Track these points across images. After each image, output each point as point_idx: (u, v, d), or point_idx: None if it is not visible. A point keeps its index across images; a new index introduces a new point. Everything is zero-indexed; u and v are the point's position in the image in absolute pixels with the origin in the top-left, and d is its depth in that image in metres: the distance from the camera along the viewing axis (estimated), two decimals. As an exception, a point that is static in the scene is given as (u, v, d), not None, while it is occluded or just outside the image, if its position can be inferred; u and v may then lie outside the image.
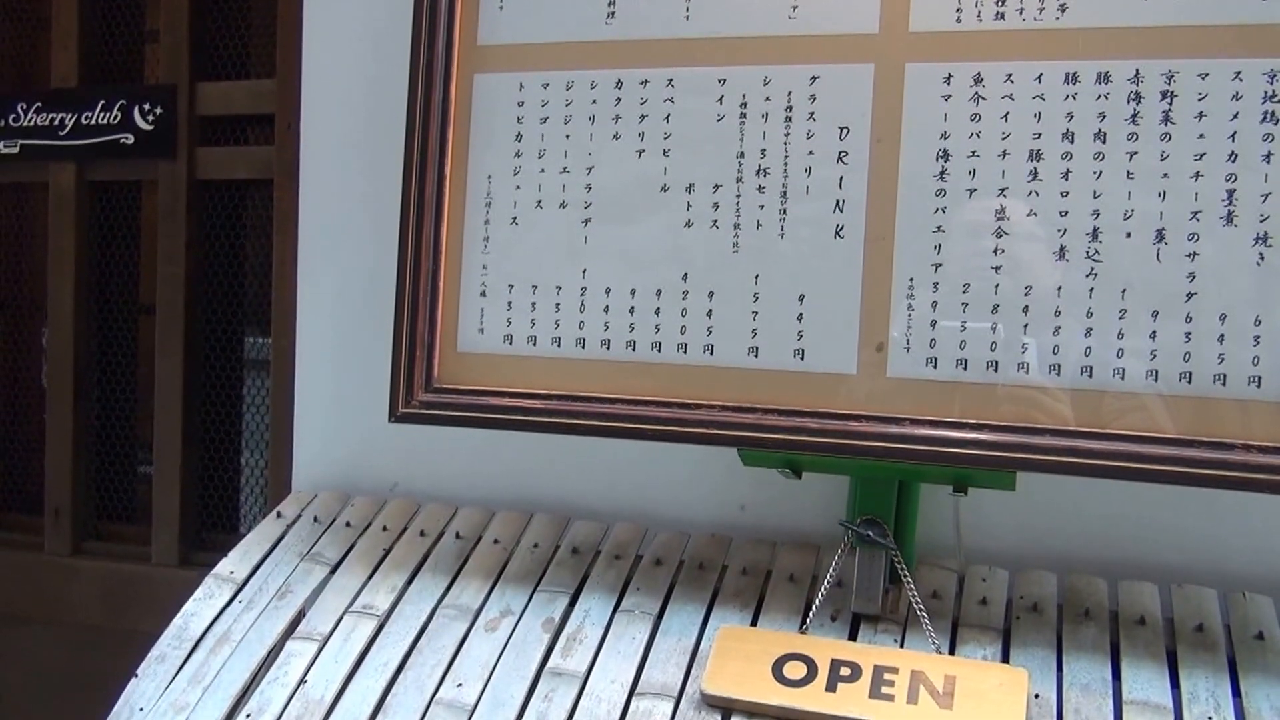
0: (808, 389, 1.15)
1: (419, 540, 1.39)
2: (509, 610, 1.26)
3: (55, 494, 2.12)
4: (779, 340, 1.17)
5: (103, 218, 2.17)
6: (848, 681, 1.09)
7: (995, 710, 1.04)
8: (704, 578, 1.28)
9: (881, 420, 1.12)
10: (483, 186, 1.28)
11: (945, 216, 1.12)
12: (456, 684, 1.18)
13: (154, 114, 2.03)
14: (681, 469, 1.41)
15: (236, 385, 2.11)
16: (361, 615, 1.28)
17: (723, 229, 1.19)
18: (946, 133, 1.12)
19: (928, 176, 1.13)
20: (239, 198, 2.10)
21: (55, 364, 2.11)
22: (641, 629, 1.21)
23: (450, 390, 1.26)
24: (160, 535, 2.03)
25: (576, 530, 1.38)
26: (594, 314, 1.23)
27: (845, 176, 1.15)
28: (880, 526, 1.19)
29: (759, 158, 1.18)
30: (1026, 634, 1.15)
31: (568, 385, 1.23)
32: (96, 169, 2.10)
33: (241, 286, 2.11)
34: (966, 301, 1.11)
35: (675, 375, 1.20)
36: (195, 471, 2.06)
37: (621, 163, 1.23)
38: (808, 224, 1.16)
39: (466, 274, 1.28)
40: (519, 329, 1.26)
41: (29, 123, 2.11)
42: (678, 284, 1.21)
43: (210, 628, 1.30)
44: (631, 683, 1.15)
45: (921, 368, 1.12)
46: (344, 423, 1.57)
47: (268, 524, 1.46)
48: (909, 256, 1.13)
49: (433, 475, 1.51)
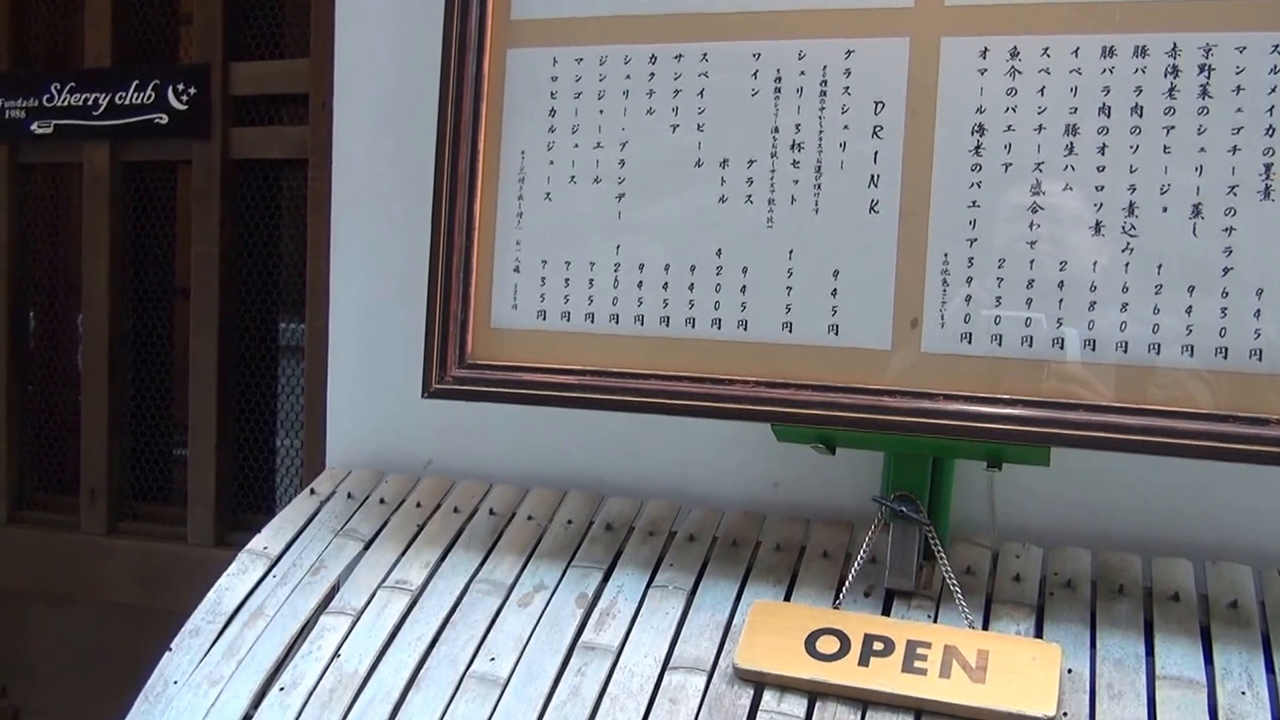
0: (841, 364, 1.16)
1: (453, 517, 1.40)
2: (542, 585, 1.27)
3: (91, 474, 2.14)
4: (813, 315, 1.17)
5: (137, 199, 2.18)
6: (880, 656, 1.09)
7: (1028, 685, 1.04)
8: (737, 554, 1.28)
9: (915, 396, 1.13)
10: (516, 162, 1.28)
11: (981, 191, 1.12)
12: (490, 658, 1.19)
13: (188, 94, 2.05)
14: (715, 445, 1.42)
15: (271, 366, 2.13)
16: (395, 590, 1.30)
17: (757, 204, 1.19)
18: (982, 107, 1.12)
19: (963, 151, 1.12)
20: (273, 178, 2.11)
21: (90, 345, 2.13)
22: (675, 604, 1.22)
23: (483, 366, 1.27)
24: (195, 515, 2.05)
25: (610, 507, 1.39)
26: (627, 289, 1.24)
27: (880, 151, 1.15)
28: (914, 502, 1.20)
29: (793, 132, 1.18)
30: (1060, 610, 1.16)
31: (601, 361, 1.23)
32: (131, 149, 2.12)
33: (276, 267, 2.12)
34: (1002, 277, 1.11)
35: (709, 351, 1.20)
36: (230, 452, 2.08)
37: (655, 138, 1.23)
38: (842, 199, 1.16)
39: (500, 250, 1.28)
40: (552, 305, 1.27)
41: (63, 103, 2.12)
42: (711, 259, 1.21)
43: (244, 602, 1.31)
44: (664, 657, 1.16)
45: (956, 343, 1.12)
46: (378, 400, 1.58)
47: (302, 500, 1.47)
48: (944, 231, 1.13)
49: (467, 452, 1.52)
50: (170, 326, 2.21)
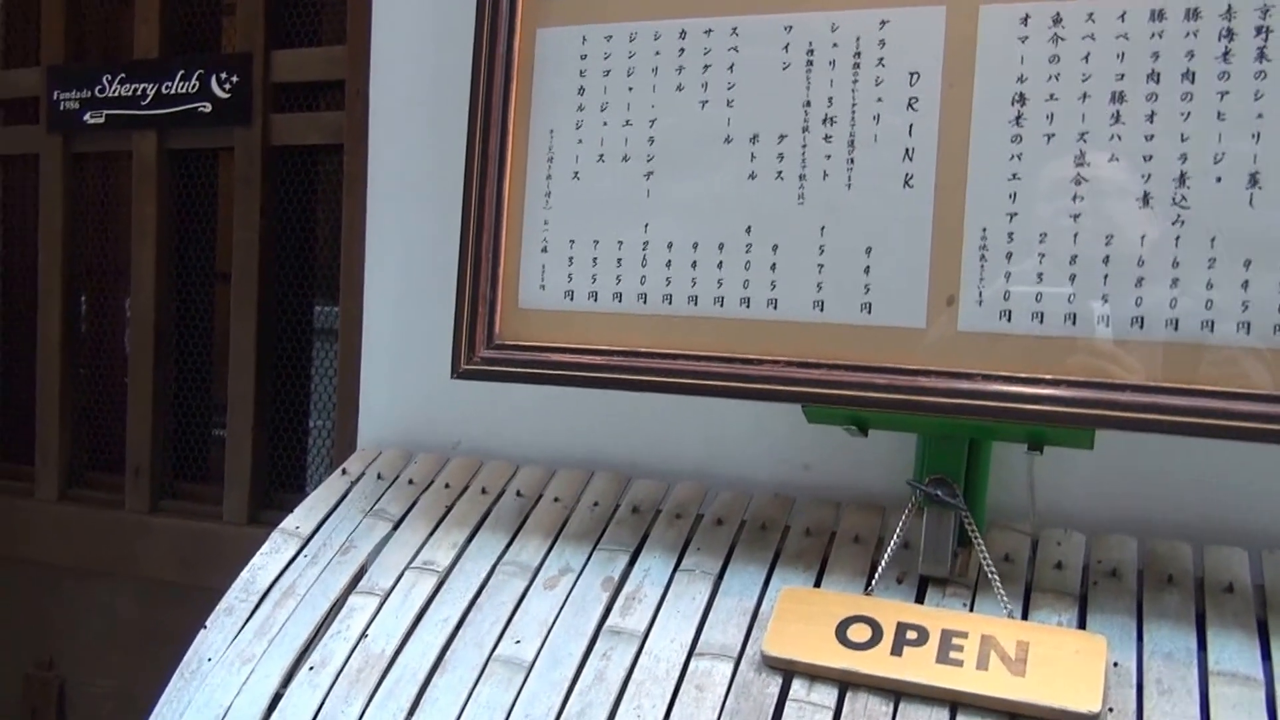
0: (875, 343, 1.10)
1: (480, 498, 1.37)
2: (568, 568, 1.23)
3: (135, 454, 2.13)
4: (845, 293, 1.12)
5: (182, 185, 2.17)
6: (914, 645, 1.03)
7: (1071, 678, 0.98)
8: (766, 538, 1.24)
9: (952, 376, 1.07)
10: (545, 142, 1.25)
11: (1021, 164, 1.05)
12: (515, 640, 1.15)
13: (230, 82, 2.02)
14: (744, 427, 1.37)
15: (306, 349, 2.11)
16: (422, 571, 1.26)
17: (788, 180, 1.14)
18: (1023, 76, 1.05)
19: (1003, 122, 1.06)
20: (311, 163, 2.08)
21: (137, 328, 2.12)
22: (702, 589, 1.17)
23: (511, 347, 1.24)
24: (231, 495, 2.04)
25: (637, 489, 1.35)
26: (656, 268, 1.19)
27: (915, 124, 1.09)
28: (950, 486, 1.14)
29: (825, 106, 1.13)
30: (1104, 600, 1.09)
31: (629, 341, 1.19)
32: (176, 137, 2.10)
33: (312, 251, 2.10)
34: (1043, 252, 1.05)
35: (738, 330, 1.15)
36: (265, 433, 2.06)
37: (684, 114, 1.19)
38: (876, 174, 1.11)
39: (528, 230, 1.25)
40: (580, 284, 1.23)
41: (114, 93, 2.11)
42: (741, 237, 1.16)
43: (276, 581, 1.29)
44: (691, 643, 1.11)
45: (995, 321, 1.06)
46: (409, 381, 1.55)
47: (333, 480, 1.45)
48: (982, 206, 1.07)
49: (495, 433, 1.49)
50: (212, 310, 2.20)
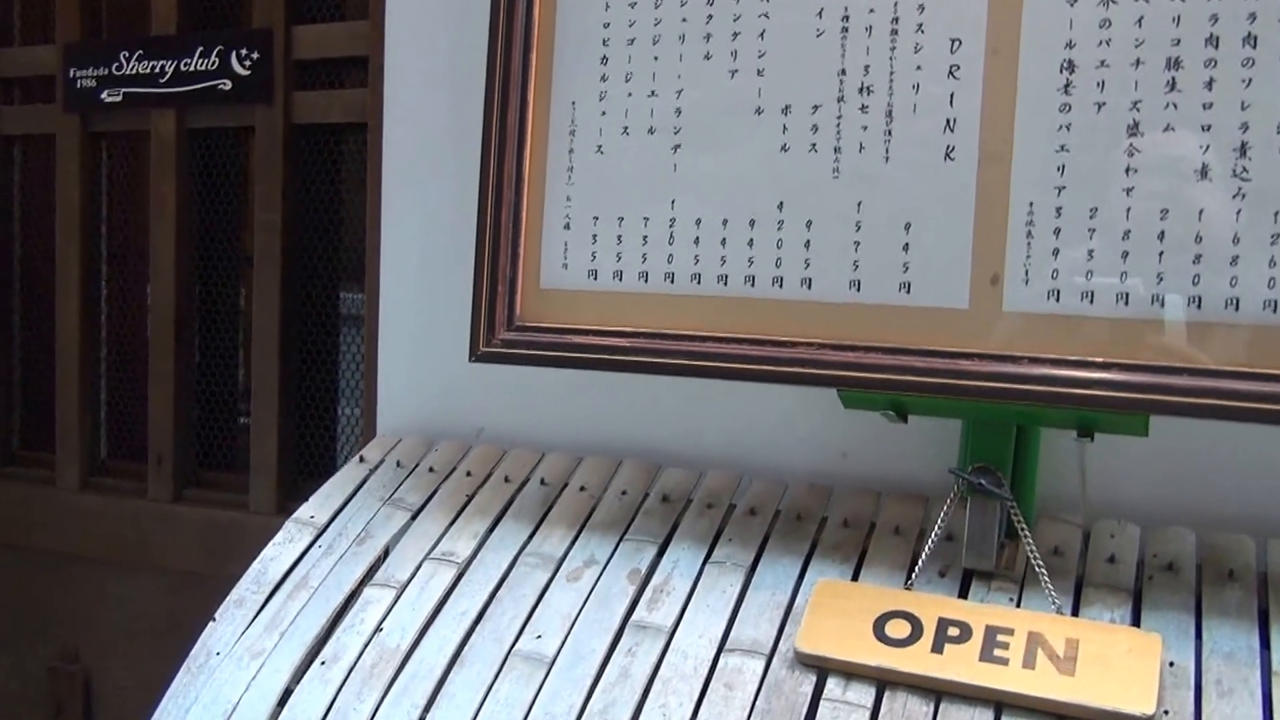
0: (915, 325, 1.05)
1: (503, 486, 1.33)
2: (593, 560, 1.19)
3: (158, 441, 2.09)
4: (883, 272, 1.07)
5: (202, 166, 2.12)
6: (956, 643, 0.98)
7: (1124, 678, 0.92)
8: (801, 529, 1.19)
9: (997, 359, 1.02)
10: (567, 114, 1.20)
11: (1069, 134, 1.00)
12: (536, 635, 1.11)
13: (251, 59, 1.97)
14: (778, 413, 1.32)
15: (333, 333, 2.06)
16: (441, 562, 1.22)
17: (822, 153, 1.09)
18: (1072, 41, 1.00)
19: (1050, 90, 1.01)
20: (334, 142, 2.03)
21: (157, 313, 2.08)
22: (732, 582, 1.13)
23: (533, 328, 1.20)
24: (257, 483, 2.00)
25: (667, 478, 1.30)
26: (683, 246, 1.15)
27: (956, 93, 1.04)
28: (995, 475, 1.08)
29: (861, 75, 1.07)
30: (1160, 596, 1.03)
31: (656, 322, 1.15)
32: (196, 116, 2.05)
33: (337, 233, 2.05)
34: (1093, 228, 0.99)
35: (770, 311, 1.11)
36: (291, 421, 2.02)
37: (713, 84, 1.14)
38: (915, 145, 1.05)
39: (550, 206, 1.20)
40: (604, 263, 1.18)
41: (131, 71, 2.06)
42: (773, 213, 1.11)
43: (289, 572, 1.25)
44: (720, 638, 1.07)
45: (1042, 301, 1.01)
46: (429, 366, 1.51)
47: (350, 468, 1.41)
48: (1028, 179, 1.01)
49: (519, 420, 1.44)
50: (235, 294, 2.16)
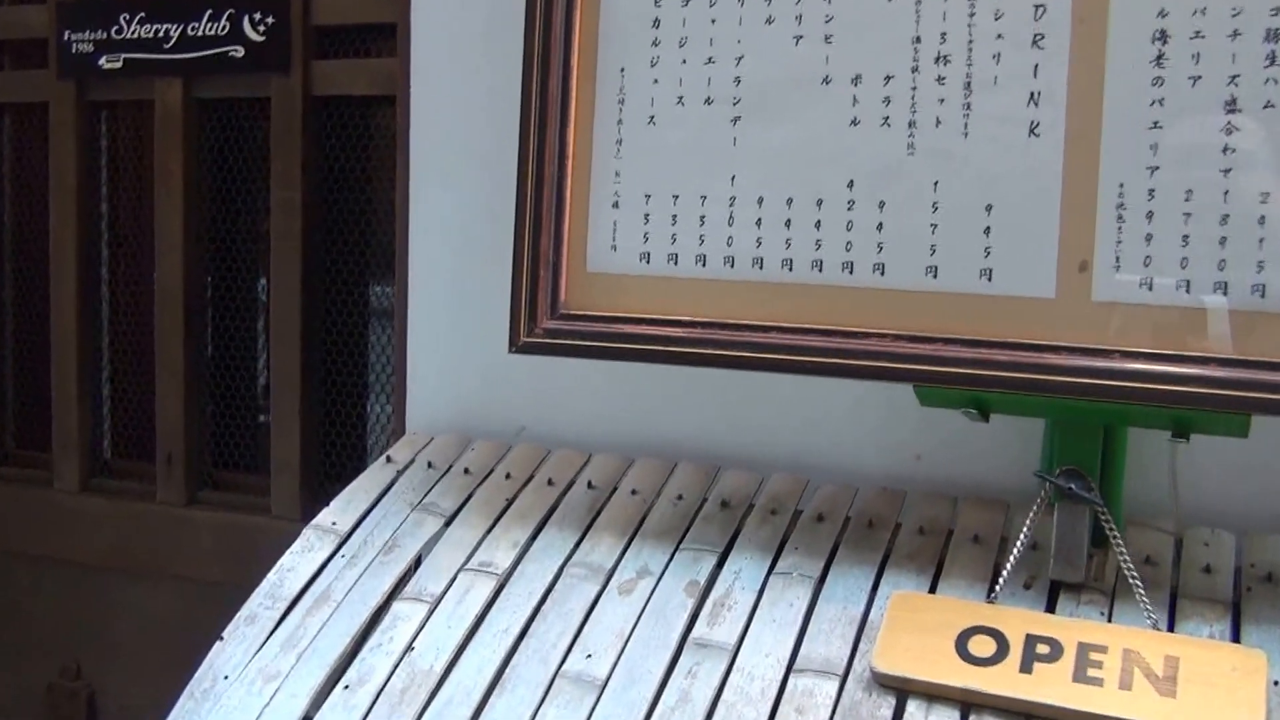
0: (997, 315, 1.06)
1: (546, 490, 1.34)
2: (647, 570, 1.19)
3: (168, 439, 2.10)
4: (962, 258, 1.08)
5: (213, 139, 2.13)
6: (1046, 661, 0.99)
7: (1228, 699, 0.93)
8: (873, 537, 1.20)
9: (1086, 353, 1.03)
10: (615, 81, 1.21)
11: (1163, 110, 1.01)
12: (585, 655, 1.12)
13: (266, 23, 1.98)
14: (847, 410, 1.34)
15: (361, 322, 2.07)
16: (479, 574, 1.23)
17: (895, 128, 1.10)
18: (1165, 10, 1.01)
19: (1142, 63, 1.02)
20: (360, 116, 2.04)
21: (164, 298, 2.09)
22: (800, 594, 1.13)
23: (579, 316, 1.21)
24: (279, 485, 2.01)
25: (726, 481, 1.31)
26: (744, 228, 1.15)
27: (1041, 64, 1.05)
28: (1084, 479, 1.09)
29: (938, 43, 1.09)
30: (1260, 609, 1.05)
31: (714, 311, 1.15)
32: (205, 85, 2.06)
33: (364, 214, 2.06)
34: (1189, 211, 1.00)
35: (839, 299, 1.12)
36: (316, 417, 2.03)
37: (776, 51, 1.15)
38: (996, 121, 1.07)
39: (597, 183, 1.21)
40: (657, 245, 1.19)
41: (133, 35, 2.06)
42: (842, 193, 1.12)
43: (308, 585, 1.25)
44: (789, 657, 1.07)
45: (1134, 290, 1.02)
46: (464, 358, 1.52)
47: (376, 470, 1.41)
48: (1119, 158, 1.02)
49: (563, 417, 1.46)
50: (254, 280, 2.17)
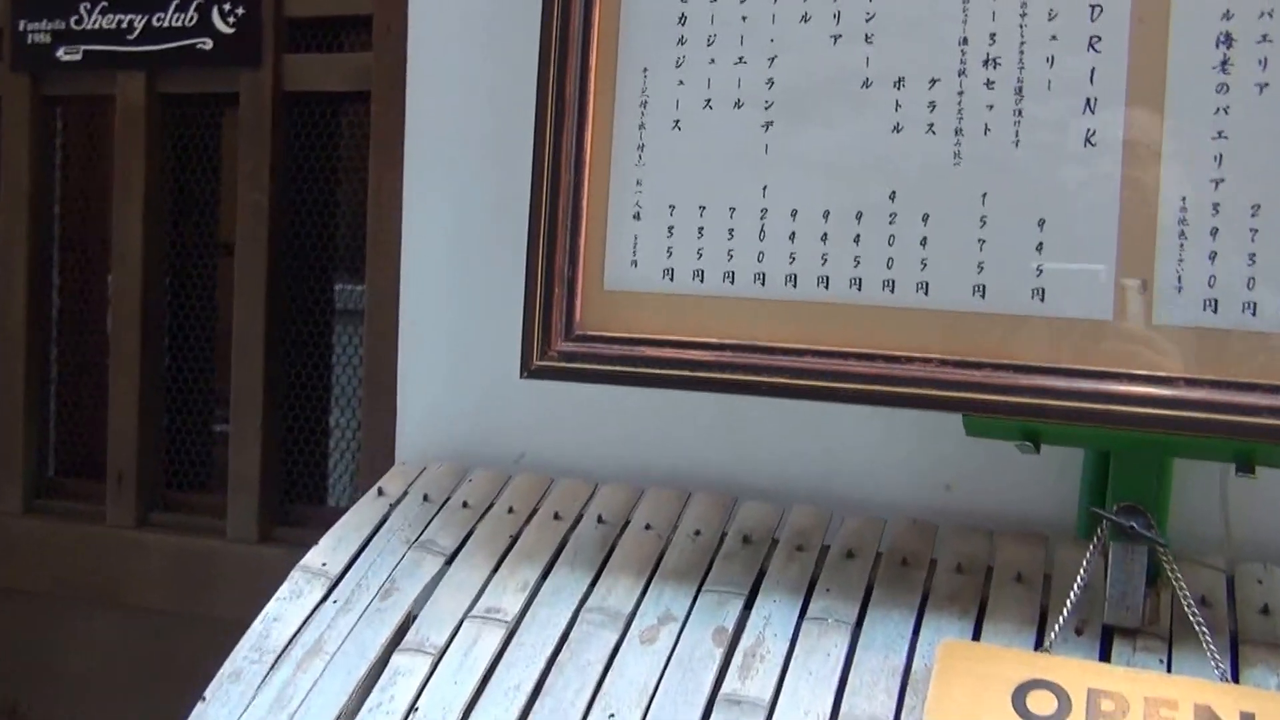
0: (1050, 338, 1.03)
1: (553, 525, 1.29)
2: (669, 616, 1.15)
3: (119, 457, 2.05)
4: (1013, 276, 1.05)
5: (177, 138, 2.10)
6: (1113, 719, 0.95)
7: None
8: (909, 576, 1.16)
9: (1148, 380, 1.00)
10: (637, 82, 1.18)
11: (1229, 119, 0.99)
12: (608, 714, 1.07)
13: (235, 14, 1.94)
14: (872, 437, 1.32)
15: (326, 333, 2.04)
16: (486, 621, 1.18)
17: (941, 135, 1.07)
18: (1230, 11, 0.99)
19: (1205, 68, 1.00)
20: (331, 114, 2.01)
21: (120, 307, 2.04)
22: (837, 642, 1.09)
23: (596, 338, 1.16)
24: (236, 505, 1.96)
25: (745, 513, 1.27)
26: (777, 242, 1.12)
27: (1098, 68, 1.03)
28: (1144, 516, 1.07)
29: (987, 44, 1.06)
30: None
31: (744, 332, 1.12)
32: (170, 80, 2.02)
33: (334, 217, 2.03)
34: (1256, 227, 0.98)
35: (880, 320, 1.09)
36: (278, 432, 1.99)
37: (812, 51, 1.12)
38: (1050, 128, 1.04)
39: (616, 192, 1.18)
40: (682, 261, 1.16)
41: (93, 25, 2.02)
42: (884, 204, 1.09)
43: (297, 636, 1.20)
44: (830, 713, 1.03)
45: (1198, 312, 1.00)
46: (459, 379, 1.49)
47: (367, 503, 1.36)
48: (1182, 170, 1.00)
49: (568, 443, 1.43)
50: (210, 287, 2.13)
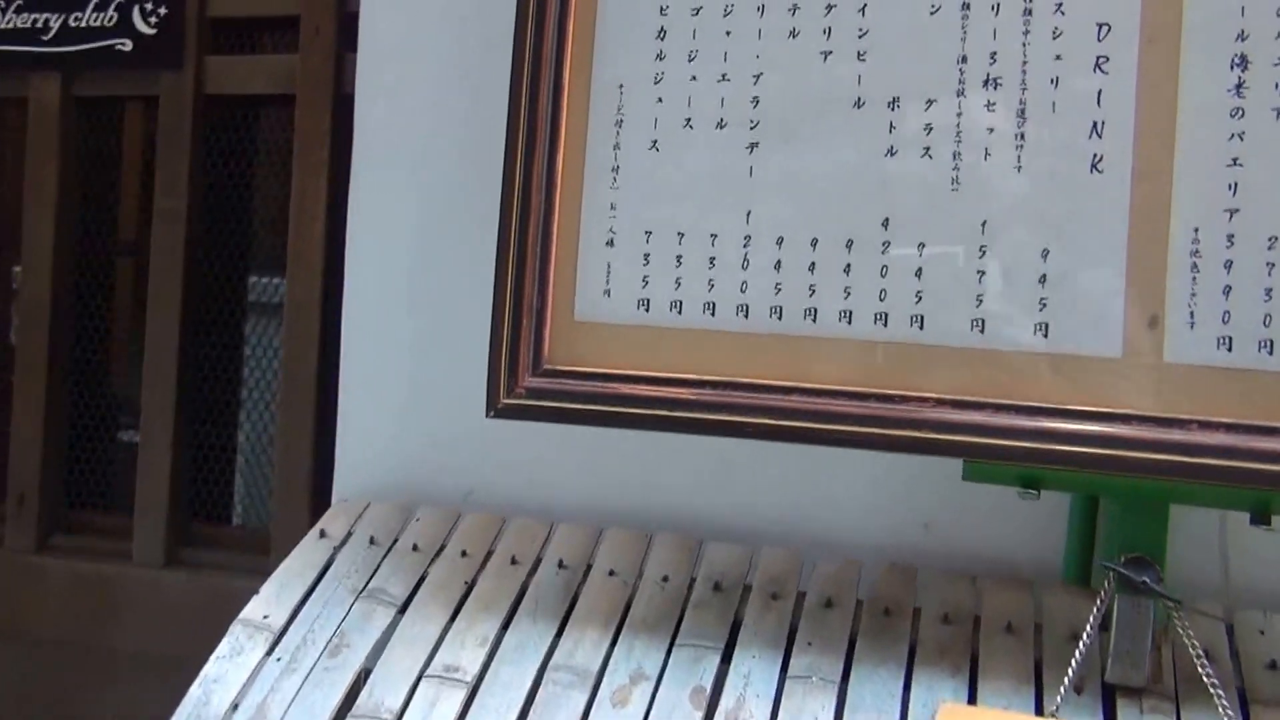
0: (1055, 377, 1.00)
1: (510, 570, 1.23)
2: (641, 674, 1.09)
3: (20, 478, 2.00)
4: (1015, 310, 1.01)
5: (92, 141, 2.07)
6: (1128, 790, 0.90)
7: None
8: (892, 626, 1.11)
9: (1159, 423, 0.97)
10: (612, 99, 1.14)
11: (1243, 145, 0.96)
12: None
13: (158, 14, 1.92)
14: (844, 472, 1.28)
15: (236, 345, 2.02)
16: (444, 682, 1.11)
17: (937, 159, 1.04)
18: (1245, 32, 0.97)
19: (1218, 90, 0.98)
20: (254, 118, 2.00)
21: (28, 317, 2.00)
22: (823, 703, 1.03)
23: (565, 374, 1.13)
24: (143, 527, 1.92)
25: (712, 556, 1.22)
26: (761, 271, 1.08)
27: (1105, 90, 1.00)
28: (1154, 569, 1.03)
29: (987, 63, 1.03)
30: None
31: (726, 369, 1.08)
32: (86, 82, 2.00)
33: (251, 226, 2.01)
34: (1273, 261, 0.96)
35: (872, 356, 1.05)
36: (189, 451, 1.96)
37: (801, 68, 1.08)
38: (1054, 153, 1.01)
39: (589, 216, 1.14)
40: (659, 291, 1.11)
41: (6, 24, 2.00)
42: (875, 232, 1.05)
43: (239, 699, 1.12)
44: None
45: (1211, 351, 0.97)
46: (404, 410, 1.44)
47: (308, 546, 1.29)
48: (1193, 199, 0.98)
49: (519, 479, 1.39)
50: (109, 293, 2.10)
